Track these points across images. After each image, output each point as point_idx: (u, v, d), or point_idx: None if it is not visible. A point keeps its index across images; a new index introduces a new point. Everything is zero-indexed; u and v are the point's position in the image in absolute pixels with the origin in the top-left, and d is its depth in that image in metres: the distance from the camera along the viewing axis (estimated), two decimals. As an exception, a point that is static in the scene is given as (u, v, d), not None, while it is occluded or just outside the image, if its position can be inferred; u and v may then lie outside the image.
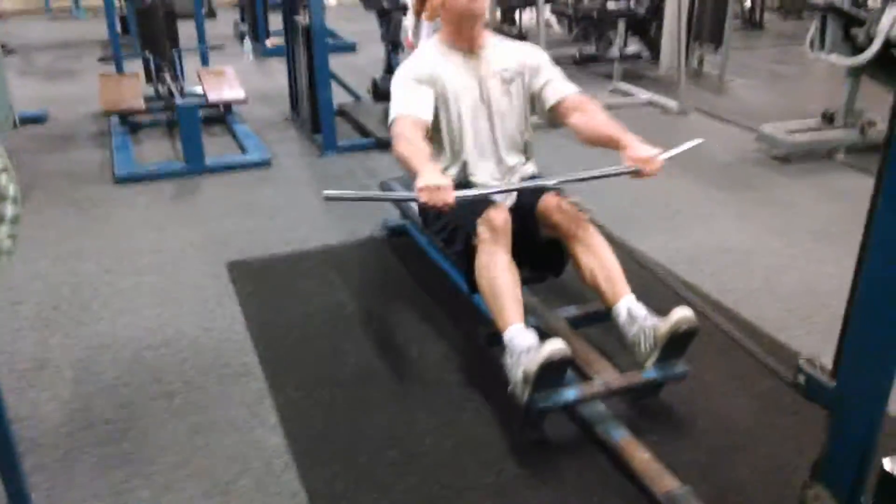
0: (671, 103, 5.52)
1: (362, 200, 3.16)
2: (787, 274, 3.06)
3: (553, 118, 2.40)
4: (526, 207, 2.32)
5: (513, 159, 2.40)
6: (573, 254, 2.22)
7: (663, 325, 1.92)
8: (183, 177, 4.10)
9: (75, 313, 2.73)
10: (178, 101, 4.37)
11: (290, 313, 2.72)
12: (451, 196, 1.88)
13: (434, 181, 1.88)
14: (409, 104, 2.19)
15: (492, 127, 2.34)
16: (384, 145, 4.55)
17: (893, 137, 1.01)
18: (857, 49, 4.19)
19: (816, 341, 2.53)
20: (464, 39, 2.29)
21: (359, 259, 3.18)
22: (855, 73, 4.34)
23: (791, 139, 4.32)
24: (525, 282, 2.25)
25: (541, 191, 2.32)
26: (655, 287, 2.30)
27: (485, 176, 2.37)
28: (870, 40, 4.13)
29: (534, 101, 2.39)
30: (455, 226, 2.27)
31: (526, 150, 2.47)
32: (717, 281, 2.96)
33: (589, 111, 2.30)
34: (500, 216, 2.14)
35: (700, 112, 5.49)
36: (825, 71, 6.91)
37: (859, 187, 4.04)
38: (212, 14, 10.05)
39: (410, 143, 2.09)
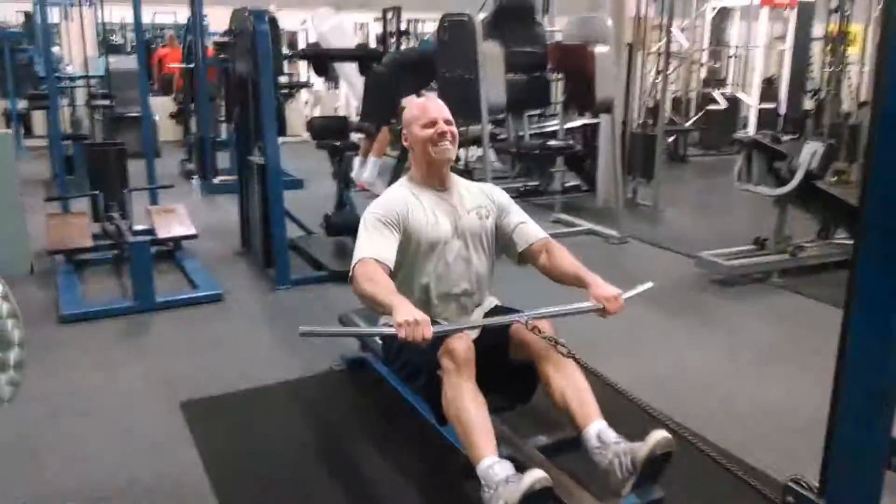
0: (611, 232, 5.77)
1: (338, 336, 3.17)
2: (741, 395, 3.13)
3: (522, 258, 2.50)
4: (496, 332, 2.35)
5: (482, 292, 2.46)
6: (544, 376, 2.24)
7: (642, 448, 1.93)
8: (132, 314, 4.00)
9: (20, 462, 2.56)
10: (130, 237, 4.35)
11: (252, 456, 2.62)
12: (429, 331, 1.90)
13: (412, 316, 1.91)
14: (373, 247, 2.24)
15: (466, 260, 2.40)
16: (339, 278, 4.58)
17: (858, 259, 1.09)
18: (781, 180, 4.52)
19: (781, 460, 2.56)
20: (433, 177, 2.41)
21: (320, 394, 3.12)
22: (781, 202, 4.66)
23: (728, 264, 4.54)
24: (493, 411, 2.24)
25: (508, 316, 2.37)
26: (622, 413, 2.32)
27: (452, 311, 2.41)
28: (791, 173, 4.48)
29: (499, 240, 2.49)
30: (418, 359, 2.27)
31: (490, 284, 2.54)
32: (677, 403, 3.00)
33: (556, 253, 2.42)
34: (461, 345, 2.14)
35: (638, 240, 5.75)
36: (748, 200, 7.34)
37: (796, 307, 4.25)
38: (157, 154, 10.15)
39: (376, 281, 2.13)
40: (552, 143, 5.56)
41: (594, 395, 2.18)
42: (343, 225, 4.99)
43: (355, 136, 6.22)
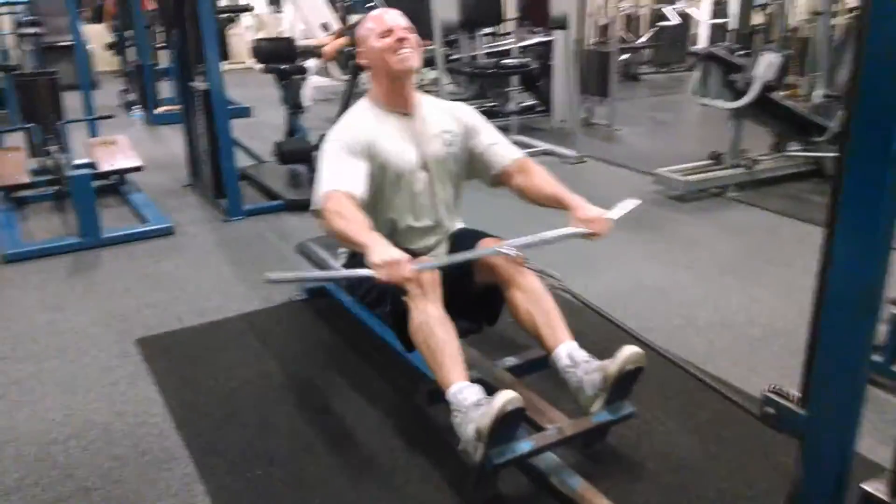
0: (568, 152, 5.72)
1: (308, 281, 3.08)
2: (701, 308, 3.16)
3: (496, 181, 2.39)
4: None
5: (449, 221, 2.38)
6: (510, 298, 2.19)
7: (611, 365, 1.92)
8: (79, 251, 3.84)
9: (-34, 410, 2.46)
10: (69, 171, 4.13)
11: (213, 389, 2.55)
12: (408, 270, 1.82)
13: (389, 255, 1.83)
14: (340, 178, 2.10)
15: (432, 192, 2.30)
16: (293, 207, 4.46)
17: (845, 161, 1.05)
18: (738, 93, 4.49)
19: (742, 371, 2.61)
20: (397, 99, 2.25)
21: (281, 325, 3.04)
22: (737, 115, 4.64)
23: (685, 179, 4.54)
24: (461, 334, 2.20)
25: (476, 238, 2.31)
26: (591, 329, 2.31)
27: (422, 242, 2.34)
28: (748, 85, 4.45)
29: (472, 162, 2.38)
30: (382, 285, 2.20)
31: (458, 211, 2.46)
32: (639, 319, 3.01)
33: (533, 173, 2.31)
34: (426, 273, 2.10)
35: (595, 159, 5.71)
36: (702, 116, 7.38)
37: (752, 220, 4.29)
38: (94, 85, 9.66)
39: (347, 217, 2.00)
40: (507, 61, 5.40)
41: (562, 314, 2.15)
42: (295, 152, 4.83)
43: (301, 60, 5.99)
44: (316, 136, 5.20)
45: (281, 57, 5.05)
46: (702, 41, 11.55)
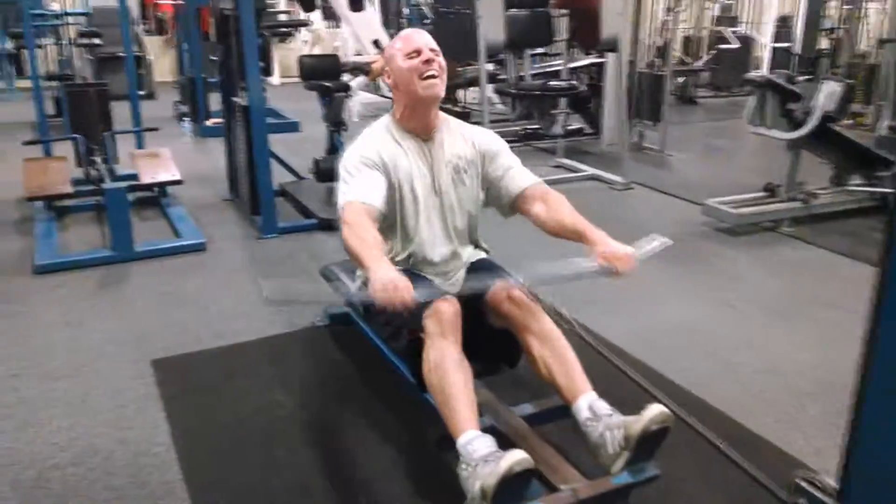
0: (615, 177, 5.53)
1: (309, 303, 3.00)
2: (744, 353, 2.94)
3: (512, 209, 2.26)
4: (475, 293, 2.17)
5: (464, 249, 2.26)
6: (525, 344, 2.06)
7: (635, 423, 1.75)
8: (110, 265, 3.83)
9: (-28, 427, 2.42)
10: (107, 184, 4.14)
11: (221, 418, 2.47)
12: (409, 295, 1.71)
13: (389, 279, 1.72)
14: (359, 190, 2.02)
15: (443, 218, 2.19)
16: (327, 227, 4.39)
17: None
18: (796, 123, 4.25)
19: (786, 430, 2.39)
20: (418, 122, 2.15)
21: (298, 352, 2.95)
22: (795, 146, 4.40)
23: (737, 212, 4.31)
24: (477, 375, 2.07)
25: (491, 272, 2.18)
26: (617, 377, 2.14)
27: (440, 270, 2.22)
28: (806, 115, 4.21)
29: (489, 189, 2.25)
30: (400, 320, 2.08)
31: (475, 238, 2.33)
32: (674, 362, 2.82)
33: (552, 202, 2.17)
34: (449, 308, 1.97)
35: (643, 186, 5.50)
36: (758, 144, 7.08)
37: (805, 258, 4.04)
38: (151, 96, 9.89)
39: (360, 234, 1.91)
40: (555, 83, 5.26)
41: (585, 361, 1.99)
42: (333, 170, 4.73)
43: (347, 77, 5.95)
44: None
45: (325, 74, 5.00)
46: (764, 65, 11.24)
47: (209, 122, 7.32)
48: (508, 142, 2.33)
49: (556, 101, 5.43)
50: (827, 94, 4.11)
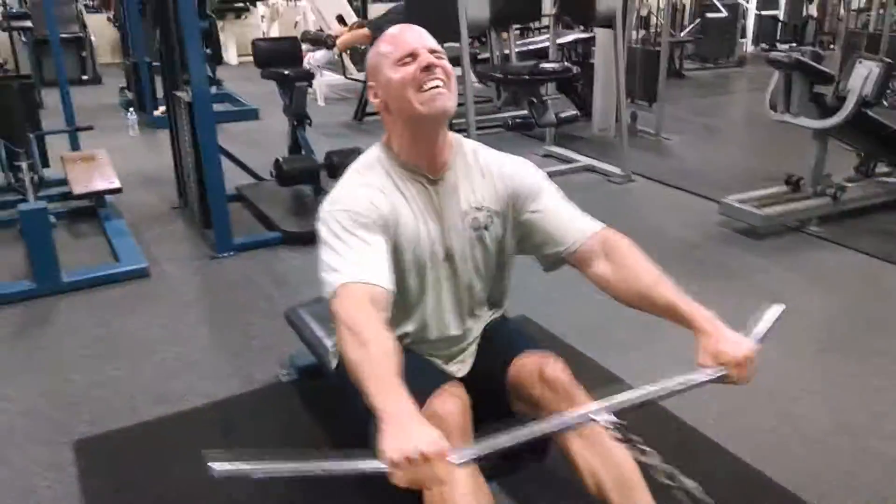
0: (614, 169, 4.98)
1: (274, 477, 2.31)
2: (805, 402, 2.43)
3: (557, 263, 1.63)
4: (492, 372, 1.61)
5: (479, 322, 1.69)
6: (565, 446, 1.49)
7: None
8: (30, 300, 3.19)
9: None
10: (29, 201, 3.49)
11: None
12: (446, 471, 1.08)
13: (414, 445, 1.05)
14: (358, 266, 1.37)
15: (455, 291, 1.61)
16: (292, 240, 3.79)
17: None
18: (826, 109, 3.72)
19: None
20: (422, 153, 1.52)
21: (260, 420, 2.37)
22: (823, 134, 3.87)
23: (763, 213, 3.79)
24: (496, 473, 1.54)
25: (510, 344, 1.63)
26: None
27: (445, 352, 1.65)
28: (838, 99, 3.68)
29: (526, 237, 1.62)
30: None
31: (496, 299, 1.75)
32: (722, 417, 2.29)
33: (619, 256, 1.52)
34: (454, 407, 1.44)
35: (645, 177, 4.96)
36: (758, 123, 6.58)
37: (845, 265, 3.51)
38: (97, 80, 9.10)
39: (366, 340, 1.24)
40: (547, 65, 4.66)
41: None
42: (298, 172, 4.16)
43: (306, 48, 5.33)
44: (327, 146, 4.55)
45: (283, 60, 4.36)
46: (748, 34, 10.74)
47: (158, 112, 6.59)
48: (495, 131, 1.72)
49: (546, 85, 4.84)
50: (864, 75, 3.58)
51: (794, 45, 11.56)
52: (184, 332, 2.95)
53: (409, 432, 1.08)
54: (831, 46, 11.51)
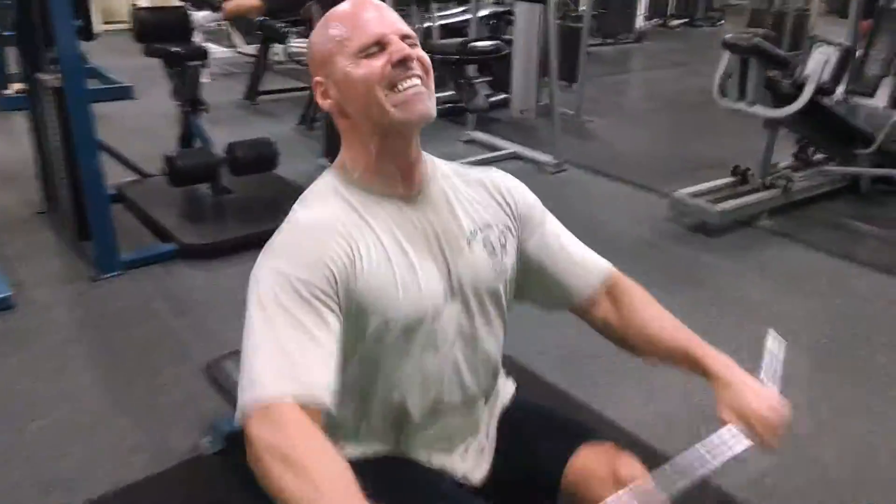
0: (544, 157, 4.61)
1: None
2: (817, 442, 2.15)
3: (556, 307, 1.29)
4: (533, 473, 1.22)
5: (488, 388, 1.26)
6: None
7: None
8: None
9: None
10: None
11: None
12: None
13: None
14: (288, 367, 0.94)
15: (470, 339, 1.17)
16: (192, 253, 3.18)
17: None
18: (781, 97, 3.49)
19: None
20: (394, 173, 1.11)
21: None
22: (774, 124, 3.65)
23: (719, 209, 3.52)
24: None
25: (563, 445, 1.22)
26: None
27: (441, 432, 1.19)
28: (795, 87, 3.46)
29: (526, 278, 1.25)
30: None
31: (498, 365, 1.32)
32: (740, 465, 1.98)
33: (630, 296, 1.26)
34: None
35: (575, 165, 4.63)
36: (676, 102, 6.45)
37: (807, 264, 3.29)
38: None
39: (301, 467, 0.86)
40: (479, 44, 4.20)
41: None
42: (193, 169, 3.51)
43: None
44: (222, 134, 3.91)
45: (170, 34, 3.67)
46: (641, 7, 10.68)
47: (12, 90, 5.63)
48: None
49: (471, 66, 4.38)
50: (820, 61, 3.37)
51: (688, 20, 11.74)
52: (68, 384, 2.32)
53: None
54: (720, 22, 11.74)
